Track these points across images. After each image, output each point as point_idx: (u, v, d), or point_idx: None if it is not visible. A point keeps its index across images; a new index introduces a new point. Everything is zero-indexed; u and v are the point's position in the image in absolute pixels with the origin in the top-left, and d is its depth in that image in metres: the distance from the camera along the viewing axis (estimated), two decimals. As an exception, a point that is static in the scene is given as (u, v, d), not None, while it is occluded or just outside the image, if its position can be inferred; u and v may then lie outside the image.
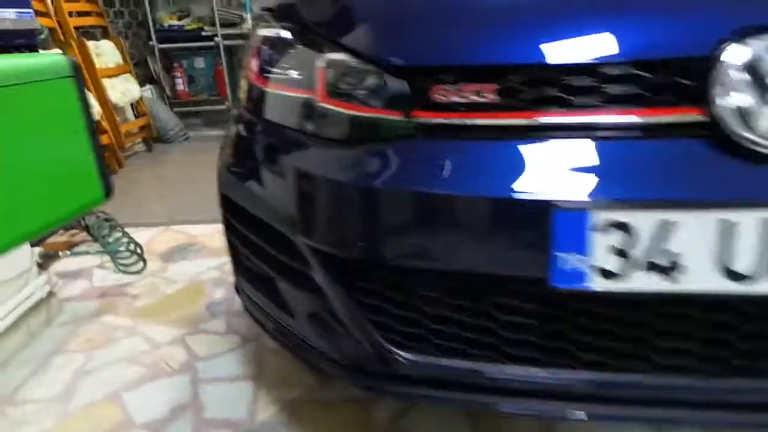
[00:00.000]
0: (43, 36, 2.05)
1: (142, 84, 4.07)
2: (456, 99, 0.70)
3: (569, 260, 0.66)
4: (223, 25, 4.19)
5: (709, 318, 0.70)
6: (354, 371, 0.87)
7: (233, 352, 1.37)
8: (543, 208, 0.65)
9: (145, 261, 1.81)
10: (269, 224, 0.93)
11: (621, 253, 0.65)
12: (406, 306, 0.79)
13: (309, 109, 0.86)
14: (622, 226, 0.64)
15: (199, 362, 1.34)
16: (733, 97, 0.62)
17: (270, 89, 0.95)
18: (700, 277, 0.64)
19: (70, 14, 3.17)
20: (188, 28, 4.25)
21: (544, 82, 0.67)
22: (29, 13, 1.71)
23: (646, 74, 0.65)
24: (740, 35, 0.62)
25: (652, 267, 0.64)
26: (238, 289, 1.18)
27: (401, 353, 0.81)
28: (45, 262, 1.89)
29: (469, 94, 0.70)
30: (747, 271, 0.63)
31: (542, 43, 0.67)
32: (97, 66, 3.19)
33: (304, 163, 0.83)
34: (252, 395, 1.20)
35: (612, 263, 0.65)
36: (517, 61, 0.68)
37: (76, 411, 1.19)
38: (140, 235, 2.10)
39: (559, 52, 0.67)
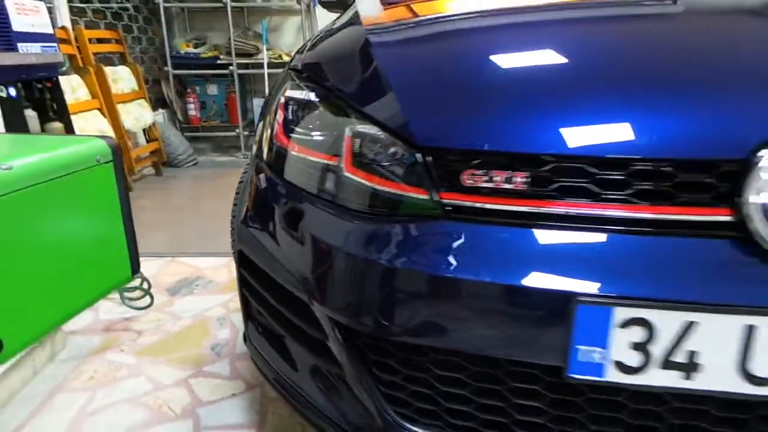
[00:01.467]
0: (64, 68, 2.09)
1: (154, 108, 4.14)
2: (485, 184, 0.72)
3: (589, 353, 0.67)
4: (238, 55, 4.27)
5: (728, 417, 0.71)
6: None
7: (236, 398, 1.36)
8: (566, 301, 0.66)
9: (152, 297, 1.81)
10: (285, 286, 0.94)
11: (640, 348, 0.65)
12: (421, 382, 0.79)
13: (332, 177, 0.87)
14: (644, 323, 0.64)
15: (202, 408, 1.33)
16: (764, 200, 0.63)
17: (292, 150, 0.96)
18: (718, 378, 0.64)
19: (90, 41, 3.24)
20: (204, 55, 4.33)
21: (576, 173, 0.69)
22: (54, 47, 1.74)
23: (678, 172, 0.67)
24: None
25: (670, 365, 0.65)
26: (246, 339, 1.18)
27: (412, 428, 0.81)
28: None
29: (500, 180, 0.72)
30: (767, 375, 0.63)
31: (577, 135, 0.69)
32: (113, 91, 3.24)
33: (324, 232, 0.84)
34: (255, 448, 1.19)
35: (631, 358, 0.66)
36: (552, 151, 0.69)
37: (76, 456, 1.18)
38: (148, 265, 2.11)
39: (592, 144, 0.69)
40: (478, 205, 0.73)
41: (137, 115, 3.45)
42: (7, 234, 1.01)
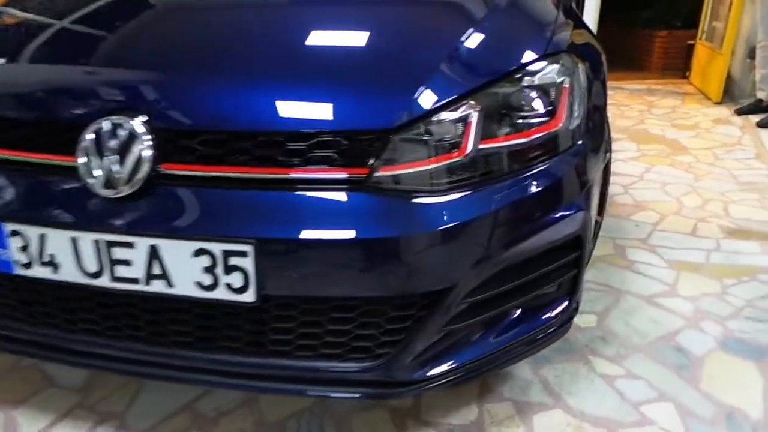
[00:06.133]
0: None
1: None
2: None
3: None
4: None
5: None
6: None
7: None
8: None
9: None
10: None
11: (25, 250, 0.97)
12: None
13: None
14: (20, 233, 0.96)
15: None
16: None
17: None
18: (70, 272, 0.97)
19: None
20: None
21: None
22: None
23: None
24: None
25: (44, 262, 0.97)
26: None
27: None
28: None
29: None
30: (95, 270, 0.95)
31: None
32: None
33: None
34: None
35: (22, 257, 0.98)
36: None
37: None
38: None
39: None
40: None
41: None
42: None
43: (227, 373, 1.03)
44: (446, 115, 0.94)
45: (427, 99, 0.93)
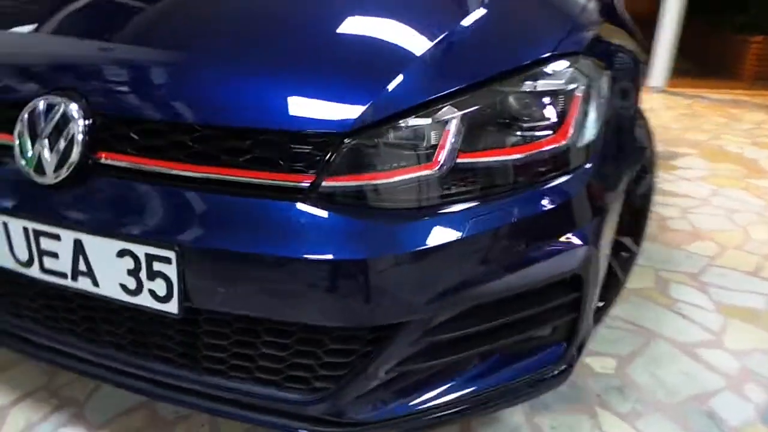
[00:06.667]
0: None
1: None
2: None
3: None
4: None
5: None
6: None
7: None
8: None
9: None
10: None
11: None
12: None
13: None
14: None
15: None
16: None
17: None
18: (4, 257, 0.90)
19: None
20: None
21: None
22: None
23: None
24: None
25: None
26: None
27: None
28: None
29: None
30: (25, 259, 0.88)
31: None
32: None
33: None
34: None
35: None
36: None
37: None
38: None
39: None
40: None
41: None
42: None
43: (162, 384, 0.94)
44: (417, 121, 0.79)
45: (393, 99, 0.77)
